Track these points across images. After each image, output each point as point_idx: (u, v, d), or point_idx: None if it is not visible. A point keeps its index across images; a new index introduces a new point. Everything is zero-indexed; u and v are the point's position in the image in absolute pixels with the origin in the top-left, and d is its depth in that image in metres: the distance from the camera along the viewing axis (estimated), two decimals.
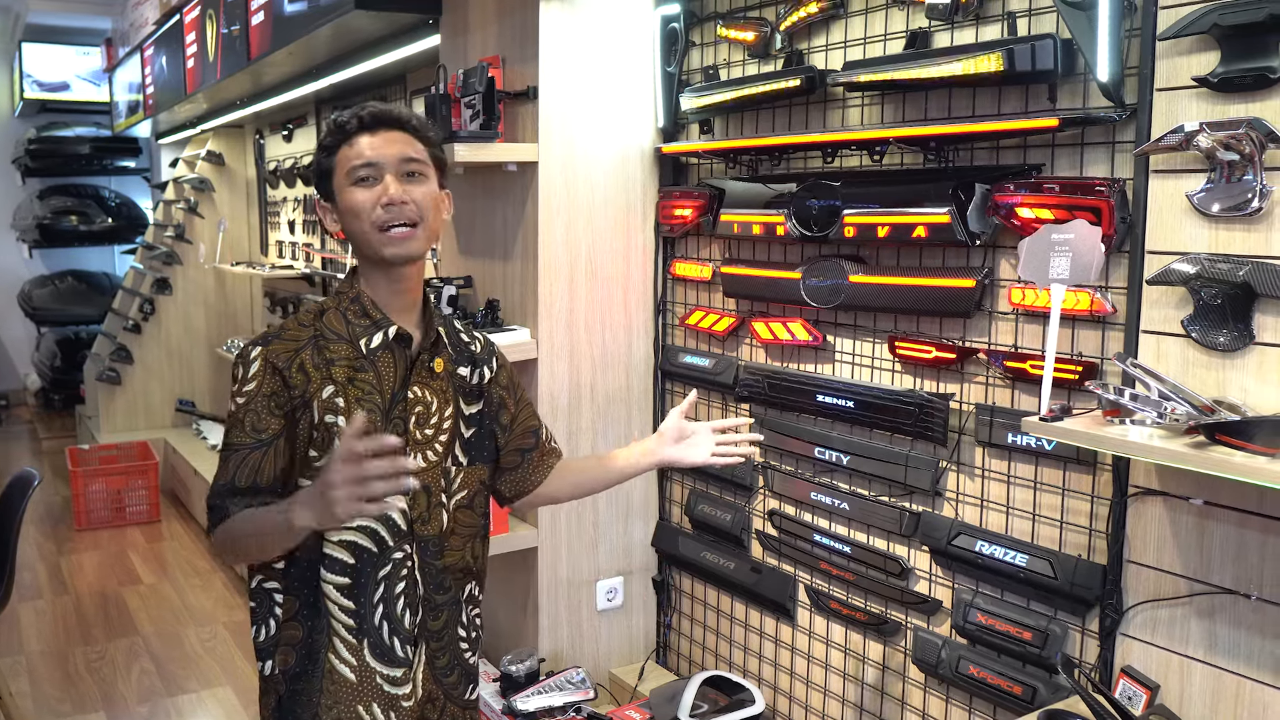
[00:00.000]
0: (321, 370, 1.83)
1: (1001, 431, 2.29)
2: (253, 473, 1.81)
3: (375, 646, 1.87)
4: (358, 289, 1.90)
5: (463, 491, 1.97)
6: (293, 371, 1.82)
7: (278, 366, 1.81)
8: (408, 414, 1.88)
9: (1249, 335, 1.82)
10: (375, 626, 1.87)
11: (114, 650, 4.49)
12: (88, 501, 6.18)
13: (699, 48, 3.08)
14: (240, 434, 1.81)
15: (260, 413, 1.81)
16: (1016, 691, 2.28)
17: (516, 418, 2.08)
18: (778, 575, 2.94)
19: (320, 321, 1.88)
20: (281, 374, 1.81)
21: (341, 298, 1.90)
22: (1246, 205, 1.79)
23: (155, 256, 7.35)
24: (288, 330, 1.86)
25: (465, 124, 3.04)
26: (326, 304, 1.90)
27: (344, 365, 1.85)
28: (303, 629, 1.86)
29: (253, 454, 1.81)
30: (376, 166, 1.82)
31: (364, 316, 1.87)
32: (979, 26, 2.29)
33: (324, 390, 1.82)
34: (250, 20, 4.62)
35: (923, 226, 2.33)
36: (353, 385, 1.84)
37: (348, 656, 1.86)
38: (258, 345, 1.84)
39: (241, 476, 1.81)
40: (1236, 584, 1.88)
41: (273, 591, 1.87)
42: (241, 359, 1.84)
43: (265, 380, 1.81)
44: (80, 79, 9.78)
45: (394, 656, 1.88)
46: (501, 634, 3.37)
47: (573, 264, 3.10)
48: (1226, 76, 1.81)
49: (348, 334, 1.86)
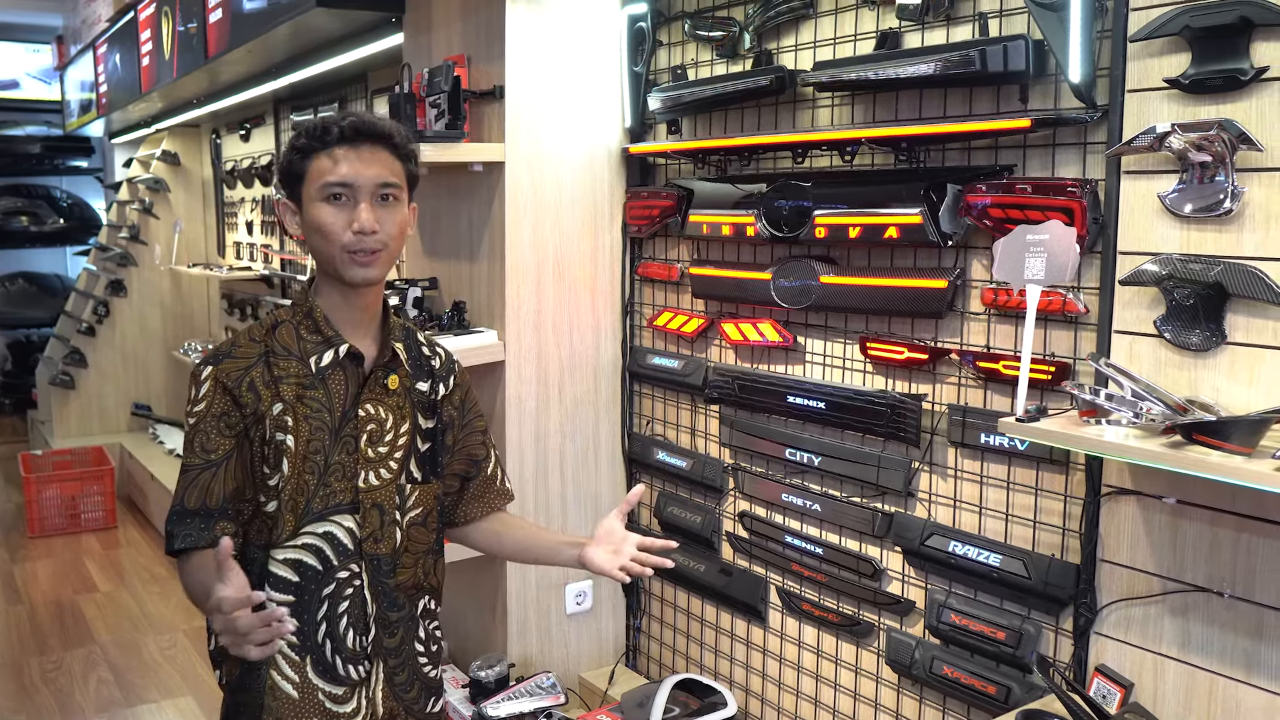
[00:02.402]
0: (270, 388, 1.80)
1: (974, 432, 2.30)
2: (202, 494, 1.78)
3: (318, 664, 1.85)
4: (311, 303, 1.86)
5: (418, 509, 1.94)
6: (243, 390, 1.79)
7: (228, 386, 1.79)
8: (359, 432, 1.86)
9: (1221, 335, 1.83)
10: (318, 644, 1.85)
11: (71, 660, 4.40)
12: (41, 508, 6.06)
13: (666, 47, 3.06)
14: (191, 455, 1.79)
15: (210, 433, 1.78)
16: (991, 691, 2.28)
17: (459, 441, 2.04)
18: (749, 577, 2.93)
19: (272, 337, 1.84)
20: (231, 393, 1.79)
21: (296, 310, 1.87)
22: (1218, 206, 1.80)
23: (109, 258, 7.23)
24: (239, 347, 1.83)
25: (430, 124, 3.00)
26: (281, 316, 1.87)
27: (293, 383, 1.82)
28: None
29: (202, 474, 1.78)
30: (352, 189, 1.78)
31: (316, 333, 1.84)
32: (950, 27, 2.29)
33: (274, 408, 1.80)
34: (208, 18, 4.54)
35: (894, 227, 2.32)
36: (301, 403, 1.81)
37: (290, 673, 1.84)
38: (209, 364, 1.82)
39: (191, 498, 1.78)
40: (1209, 582, 1.89)
41: None
42: (194, 378, 1.82)
43: (215, 400, 1.79)
44: (30, 77, 9.61)
45: (336, 675, 1.86)
46: (470, 639, 3.33)
47: (540, 265, 3.07)
48: (1198, 78, 1.82)
49: (298, 350, 1.83)
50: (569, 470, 3.20)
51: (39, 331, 8.97)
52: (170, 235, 7.01)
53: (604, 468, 3.27)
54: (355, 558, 1.86)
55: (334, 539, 1.85)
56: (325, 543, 1.84)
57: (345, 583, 1.86)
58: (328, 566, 1.85)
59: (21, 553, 5.79)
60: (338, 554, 1.85)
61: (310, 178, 1.81)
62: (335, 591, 1.85)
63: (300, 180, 1.83)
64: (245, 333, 1.86)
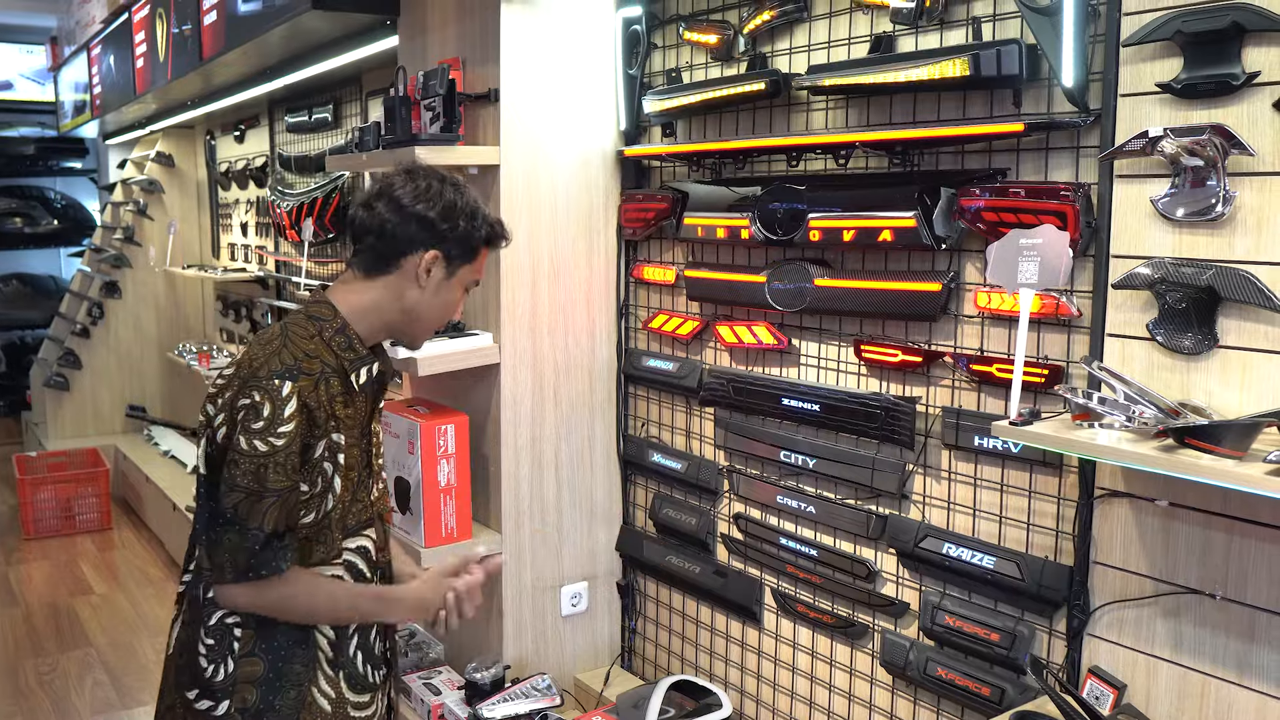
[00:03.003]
0: (327, 409, 1.81)
1: (968, 434, 2.31)
2: (285, 515, 1.78)
3: (350, 677, 1.89)
4: (343, 320, 1.87)
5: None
6: (319, 409, 1.79)
7: (310, 406, 1.77)
8: (372, 446, 1.91)
9: (1213, 338, 1.84)
10: (350, 658, 1.89)
11: (66, 662, 4.40)
12: (36, 510, 6.06)
13: (661, 50, 3.07)
14: (281, 477, 1.75)
15: (294, 453, 1.76)
16: (984, 693, 2.29)
17: None
18: (743, 579, 2.93)
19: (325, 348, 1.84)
20: (312, 413, 1.78)
21: (324, 326, 1.85)
22: (1210, 210, 1.81)
23: (103, 259, 7.22)
24: (307, 359, 1.80)
25: (425, 127, 3.01)
26: (309, 330, 1.85)
27: (340, 400, 1.84)
28: (263, 663, 1.83)
29: (291, 496, 1.77)
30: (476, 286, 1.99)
31: (350, 350, 1.86)
32: (943, 31, 2.30)
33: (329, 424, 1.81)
34: (203, 20, 4.54)
35: (889, 230, 2.33)
36: (346, 420, 1.83)
37: (326, 689, 1.87)
38: (288, 379, 1.76)
39: (280, 521, 1.76)
40: (1201, 584, 1.91)
41: (233, 626, 1.83)
42: (270, 394, 1.74)
43: (300, 420, 1.76)
44: (24, 78, 9.59)
45: (365, 684, 1.92)
46: (466, 641, 3.34)
47: (535, 268, 3.07)
48: (1190, 83, 1.83)
49: (337, 366, 1.84)
50: (564, 473, 3.20)
51: (33, 333, 8.96)
52: (165, 237, 7.00)
53: (599, 470, 3.28)
54: (375, 568, 1.94)
55: (366, 552, 1.91)
56: (359, 557, 1.89)
57: None
58: (359, 578, 1.90)
59: (16, 555, 5.79)
60: (369, 566, 1.91)
61: (477, 264, 1.94)
62: None
63: (472, 257, 1.93)
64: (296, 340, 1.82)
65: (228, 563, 1.75)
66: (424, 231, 1.86)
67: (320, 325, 1.84)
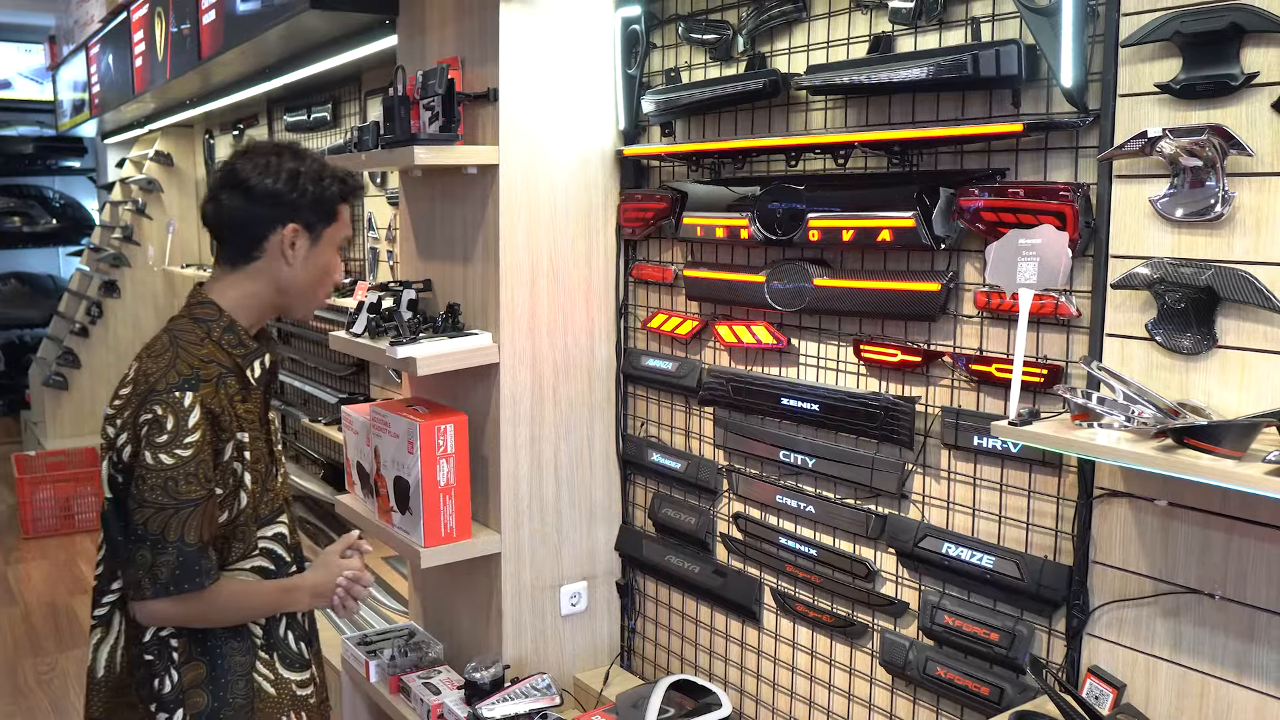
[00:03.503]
0: (229, 410, 1.83)
1: (967, 434, 2.31)
2: (210, 523, 1.79)
3: (284, 657, 1.93)
4: (229, 317, 1.88)
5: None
6: (222, 413, 1.80)
7: (214, 411, 1.79)
8: (272, 436, 1.92)
9: (1212, 339, 1.84)
10: (281, 638, 1.93)
11: (65, 662, 4.40)
12: (35, 509, 6.07)
13: (660, 50, 3.07)
14: (195, 487, 1.75)
15: (205, 461, 1.77)
16: (984, 692, 2.29)
17: None
18: (743, 578, 2.93)
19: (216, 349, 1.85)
20: (216, 418, 1.79)
21: (211, 327, 1.86)
22: (1209, 210, 1.81)
23: (102, 259, 7.22)
24: (204, 365, 1.81)
25: (424, 126, 3.01)
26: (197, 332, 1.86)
27: (238, 398, 1.85)
28: (204, 664, 1.86)
29: (207, 505, 1.79)
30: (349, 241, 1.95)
31: (241, 346, 1.86)
32: (942, 31, 2.30)
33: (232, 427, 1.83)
34: (201, 19, 4.54)
35: (888, 230, 2.33)
36: (245, 416, 1.84)
37: (265, 672, 1.91)
38: (188, 389, 1.77)
39: (203, 532, 1.78)
40: (1200, 583, 1.91)
41: (169, 638, 1.85)
42: (172, 406, 1.75)
43: (205, 428, 1.77)
44: (22, 77, 9.59)
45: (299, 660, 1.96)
46: (465, 640, 3.34)
47: (534, 267, 3.07)
48: (1189, 83, 1.83)
49: (231, 363, 1.84)
50: (563, 472, 3.20)
51: (32, 332, 8.96)
52: (163, 236, 7.01)
53: (598, 470, 3.28)
54: (291, 550, 1.98)
55: (282, 539, 1.95)
56: (277, 544, 1.94)
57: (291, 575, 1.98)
58: (281, 565, 1.94)
59: (15, 554, 5.79)
60: (287, 550, 1.96)
61: (340, 223, 1.90)
62: None
63: (331, 219, 1.89)
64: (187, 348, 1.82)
65: (145, 579, 1.76)
66: (276, 208, 1.85)
67: (208, 326, 1.85)
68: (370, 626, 3.82)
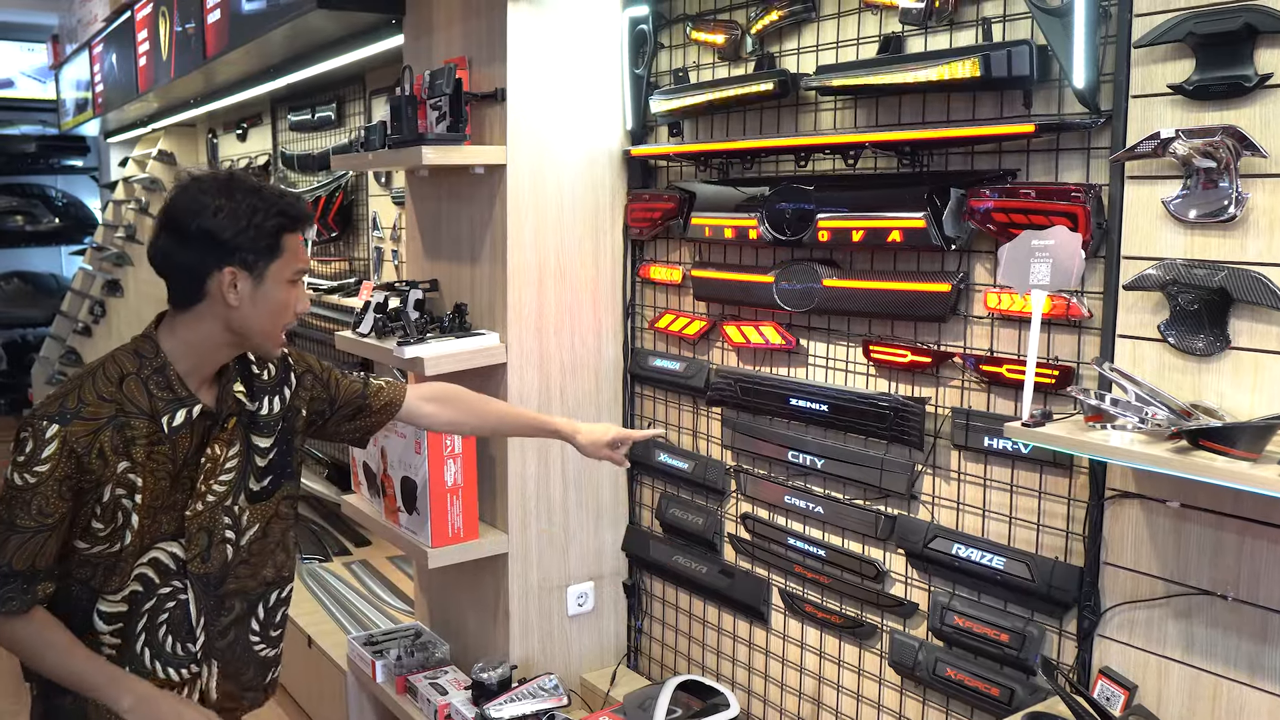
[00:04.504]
0: (120, 451, 1.78)
1: (977, 435, 2.30)
2: (33, 556, 1.76)
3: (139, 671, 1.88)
4: (163, 359, 1.83)
5: (254, 527, 1.99)
6: (91, 457, 1.75)
7: (77, 451, 1.74)
8: (197, 474, 1.88)
9: (1225, 340, 1.84)
10: (137, 654, 1.89)
11: None
12: None
13: (668, 50, 3.06)
14: (25, 516, 1.73)
15: (50, 497, 1.73)
16: (994, 693, 2.29)
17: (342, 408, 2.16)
18: (751, 579, 2.93)
19: (121, 393, 1.79)
20: (80, 459, 1.74)
21: (145, 363, 1.82)
22: (1223, 212, 1.80)
23: (105, 258, 7.22)
24: (88, 406, 1.77)
25: (432, 126, 3.00)
26: (126, 368, 1.82)
27: (143, 444, 1.80)
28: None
29: (36, 537, 1.75)
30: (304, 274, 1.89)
31: (167, 389, 1.82)
32: (953, 32, 2.29)
33: (118, 466, 1.78)
34: (206, 19, 4.54)
35: (898, 230, 2.33)
36: (150, 459, 1.81)
37: None
38: (55, 422, 1.74)
39: (20, 559, 1.75)
40: (1213, 585, 1.90)
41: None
42: (35, 433, 1.73)
43: (60, 464, 1.73)
44: (25, 75, 9.59)
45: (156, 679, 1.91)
46: (472, 641, 3.34)
47: (541, 267, 3.07)
48: (1202, 84, 1.82)
49: (149, 408, 1.80)
50: (570, 472, 3.20)
51: (34, 331, 8.96)
52: None
53: (605, 470, 3.27)
54: (179, 576, 1.90)
55: (159, 564, 1.88)
56: (150, 569, 1.87)
57: (167, 598, 1.90)
58: (150, 587, 1.88)
59: None
60: (161, 575, 1.89)
61: (287, 257, 1.82)
62: (156, 606, 1.89)
63: (274, 254, 1.81)
64: (90, 386, 1.79)
65: None
66: (210, 253, 1.77)
67: (140, 363, 1.82)
68: (376, 626, 3.81)
